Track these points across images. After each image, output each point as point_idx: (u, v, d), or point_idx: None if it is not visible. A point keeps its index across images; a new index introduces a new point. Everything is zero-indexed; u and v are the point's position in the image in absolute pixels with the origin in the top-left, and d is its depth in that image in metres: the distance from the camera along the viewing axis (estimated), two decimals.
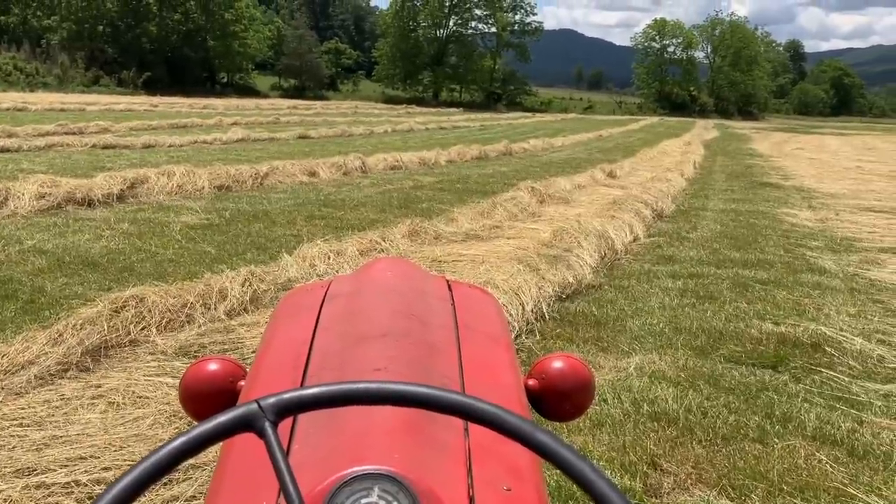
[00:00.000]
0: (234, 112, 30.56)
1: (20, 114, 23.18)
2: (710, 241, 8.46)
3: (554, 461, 0.60)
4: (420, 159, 14.89)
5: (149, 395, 3.43)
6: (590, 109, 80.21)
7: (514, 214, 8.91)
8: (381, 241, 6.73)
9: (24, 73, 44.37)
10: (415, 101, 65.31)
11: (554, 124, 41.21)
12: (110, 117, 22.26)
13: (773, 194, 13.43)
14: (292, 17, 79.11)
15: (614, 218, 8.29)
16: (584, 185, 12.23)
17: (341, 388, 0.62)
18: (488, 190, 11.40)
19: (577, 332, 4.87)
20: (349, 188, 11.02)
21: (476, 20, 76.82)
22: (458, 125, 33.54)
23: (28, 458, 2.81)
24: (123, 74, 49.40)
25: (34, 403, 3.31)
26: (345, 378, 1.08)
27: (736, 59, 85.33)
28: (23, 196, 7.84)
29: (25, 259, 5.91)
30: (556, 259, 6.10)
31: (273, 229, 7.70)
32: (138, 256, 6.23)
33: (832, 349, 4.72)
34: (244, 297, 4.81)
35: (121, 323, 4.10)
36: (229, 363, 1.37)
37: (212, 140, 17.30)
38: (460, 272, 5.77)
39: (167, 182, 9.40)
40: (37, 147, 13.73)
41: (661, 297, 5.88)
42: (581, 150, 22.61)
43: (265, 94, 61.42)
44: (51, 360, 3.65)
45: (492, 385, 1.18)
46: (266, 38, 64.24)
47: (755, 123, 69.34)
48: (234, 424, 0.57)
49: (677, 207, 10.95)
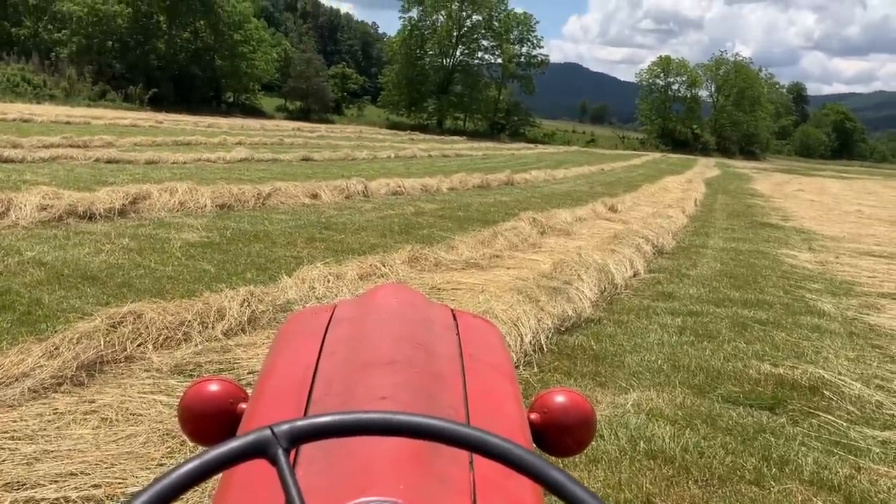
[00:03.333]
0: (238, 132, 30.70)
1: (26, 125, 23.26)
2: (709, 280, 8.46)
3: (568, 500, 0.59)
4: (422, 186, 14.93)
5: (142, 413, 3.40)
6: (592, 143, 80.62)
7: (515, 244, 8.92)
8: (381, 265, 6.72)
9: (31, 84, 44.58)
10: (419, 128, 65.63)
11: (556, 156, 41.40)
12: (115, 132, 22.34)
13: (774, 235, 13.46)
14: (300, 41, 79.84)
15: (615, 252, 8.29)
16: (585, 217, 12.26)
17: (355, 418, 0.61)
18: (489, 219, 11.42)
19: (575, 365, 4.84)
20: (350, 212, 11.04)
21: (483, 51, 77.46)
22: (461, 153, 33.69)
23: (18, 471, 2.78)
24: (130, 90, 49.64)
25: (27, 416, 3.28)
26: (349, 405, 1.07)
27: (739, 99, 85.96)
28: (24, 207, 7.84)
29: (24, 270, 5.89)
30: (555, 291, 6.09)
31: (273, 250, 7.69)
32: (137, 272, 6.22)
33: (830, 393, 4.69)
34: (242, 317, 4.79)
35: (117, 338, 4.08)
36: (230, 384, 1.36)
37: (215, 159, 17.35)
38: (459, 300, 5.76)
39: (169, 199, 9.41)
40: (41, 159, 13.76)
41: (659, 334, 5.86)
42: (583, 182, 22.69)
43: (270, 115, 61.73)
44: (45, 374, 3.63)
45: (496, 417, 1.17)
46: (274, 61, 64.66)
47: (757, 163, 69.72)
48: (248, 450, 0.57)
49: (678, 244, 10.96)
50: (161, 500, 0.52)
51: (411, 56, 73.86)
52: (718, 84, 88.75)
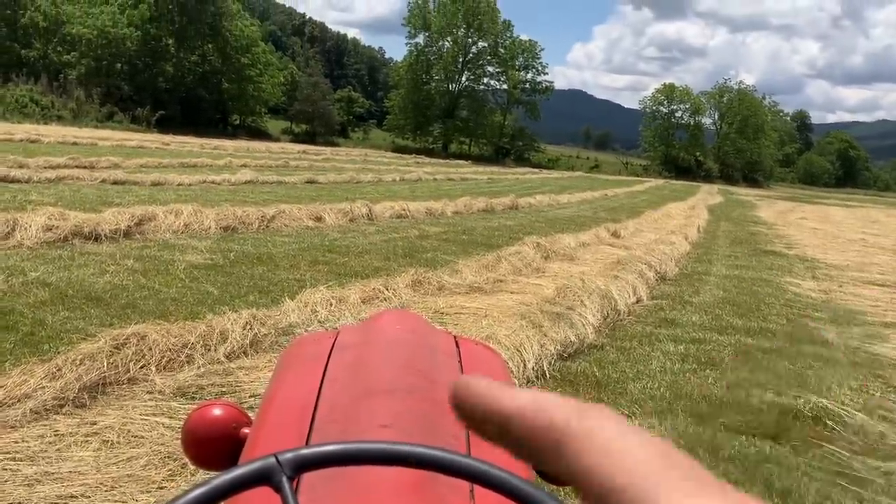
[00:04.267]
0: (244, 154, 30.86)
1: (32, 145, 23.40)
2: (712, 307, 8.45)
3: None
4: (427, 209, 14.97)
5: (144, 435, 3.40)
6: (596, 169, 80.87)
7: (519, 269, 8.92)
8: (384, 289, 6.73)
9: (39, 105, 44.92)
10: (424, 152, 65.93)
11: (560, 181, 41.53)
12: (122, 153, 22.47)
13: (777, 262, 13.45)
14: (307, 65, 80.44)
15: (618, 278, 8.29)
16: (588, 243, 12.27)
17: (361, 448, 0.62)
18: (493, 243, 11.44)
19: (577, 392, 4.83)
20: (354, 235, 11.07)
21: (488, 76, 78.07)
22: (465, 177, 33.81)
23: (19, 492, 2.78)
24: (137, 112, 50.03)
25: (28, 438, 3.28)
26: (351, 432, 1.08)
27: (743, 127, 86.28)
28: (30, 227, 7.87)
29: (28, 291, 5.91)
30: (558, 316, 6.09)
31: (276, 272, 7.71)
32: (141, 293, 6.23)
33: (833, 423, 4.67)
34: (245, 340, 4.80)
35: (120, 360, 4.08)
36: (233, 409, 1.37)
37: (221, 181, 17.44)
38: (462, 325, 5.76)
39: (174, 220, 9.45)
40: (47, 179, 13.83)
41: (662, 361, 5.85)
42: (586, 208, 22.74)
43: (276, 137, 62.08)
44: (47, 395, 3.63)
45: None
46: (280, 84, 65.18)
47: (760, 191, 69.82)
48: (252, 478, 0.58)
49: (680, 271, 10.96)
50: None
51: (417, 81, 74.42)
52: (722, 111, 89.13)
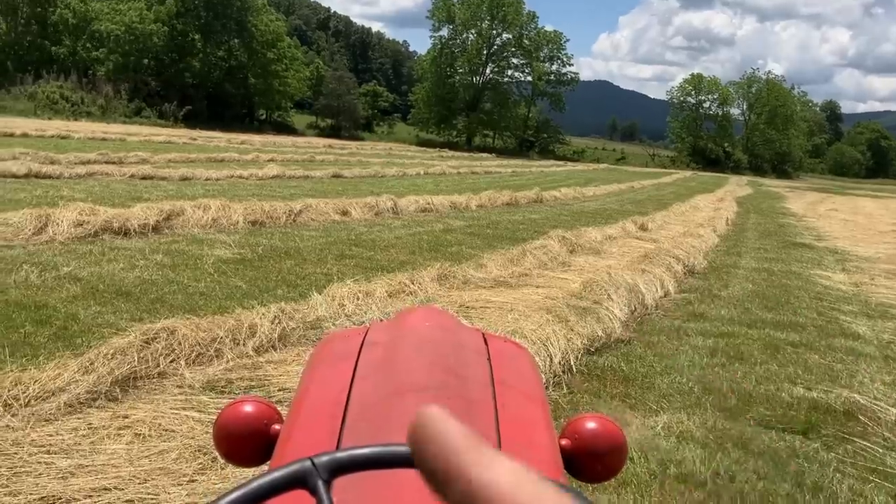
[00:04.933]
0: (270, 149, 31.05)
1: (63, 141, 23.73)
2: (741, 300, 8.37)
3: None
4: (451, 203, 14.97)
5: (175, 429, 3.44)
6: (622, 161, 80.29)
7: (544, 263, 8.90)
8: (409, 283, 6.74)
9: (69, 101, 45.53)
10: (448, 146, 65.90)
11: (586, 174, 41.31)
12: (150, 148, 22.71)
13: (807, 255, 13.28)
14: (332, 59, 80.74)
15: (645, 272, 8.24)
16: (615, 236, 12.20)
17: (397, 452, 0.62)
18: (518, 237, 11.42)
19: (604, 387, 4.81)
20: (380, 229, 11.10)
21: (513, 68, 77.68)
22: (490, 170, 33.75)
23: (54, 486, 2.83)
24: (165, 107, 50.54)
25: (62, 431, 3.33)
26: (383, 431, 1.09)
27: (772, 117, 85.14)
28: (61, 223, 7.99)
29: (61, 285, 6.00)
30: (585, 311, 6.07)
31: (304, 267, 7.76)
32: (170, 288, 6.30)
33: (866, 418, 4.61)
34: (273, 334, 4.84)
35: (151, 354, 4.14)
36: (264, 405, 1.38)
37: (248, 175, 17.56)
38: (488, 319, 5.76)
39: (202, 215, 9.54)
40: (77, 175, 14.03)
41: (690, 356, 5.81)
42: (613, 200, 22.60)
43: (302, 132, 62.40)
44: (81, 388, 3.69)
45: (527, 444, 1.17)
46: (306, 78, 65.45)
47: (789, 182, 68.93)
48: (288, 481, 0.58)
49: (709, 264, 10.86)
50: None
51: (441, 74, 74.28)
52: (750, 102, 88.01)
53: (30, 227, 7.73)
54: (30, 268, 6.40)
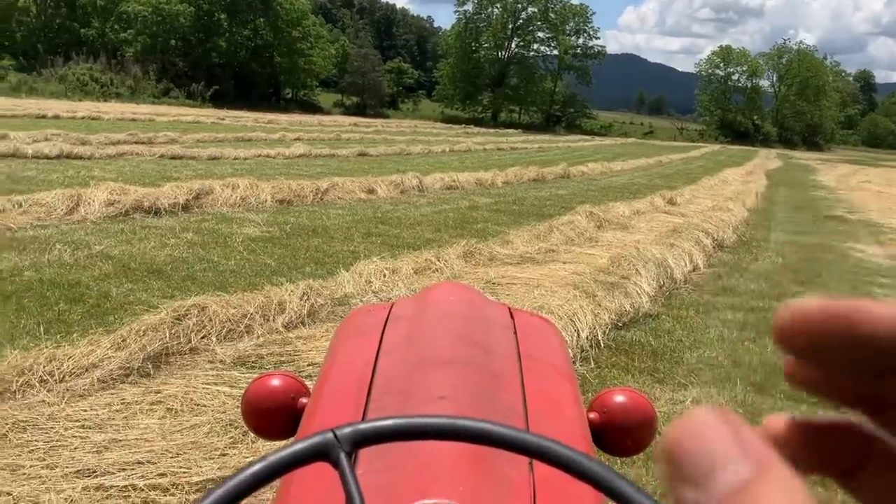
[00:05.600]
0: (297, 127, 31.12)
1: (94, 122, 23.99)
2: (771, 275, 8.27)
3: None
4: (477, 180, 14.92)
5: (206, 404, 3.49)
6: (650, 135, 79.42)
7: (571, 239, 8.85)
8: (435, 260, 6.74)
9: (99, 83, 45.96)
10: (474, 122, 65.61)
11: (613, 148, 40.92)
12: (178, 128, 22.88)
13: (839, 228, 13.07)
14: (357, 37, 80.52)
15: (673, 246, 8.16)
16: (643, 211, 12.09)
17: (420, 423, 0.62)
18: (545, 213, 11.36)
19: (632, 361, 4.79)
20: (406, 206, 11.10)
21: (538, 42, 76.93)
22: (515, 146, 33.56)
23: (88, 459, 2.88)
24: (192, 87, 50.84)
25: (96, 406, 3.40)
26: (408, 404, 1.09)
27: (803, 89, 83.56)
28: (93, 203, 8.10)
29: (93, 264, 6.09)
30: (612, 286, 6.03)
31: (331, 244, 7.79)
32: (201, 266, 6.37)
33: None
34: (302, 310, 4.88)
35: (182, 331, 4.19)
36: (291, 379, 1.39)
37: (275, 154, 17.63)
38: (514, 295, 5.75)
39: (231, 194, 9.61)
40: (108, 155, 14.18)
41: (719, 330, 5.76)
42: (640, 175, 22.37)
43: (328, 110, 62.49)
44: (114, 365, 3.75)
45: (555, 418, 1.17)
46: (331, 57, 65.37)
47: (820, 154, 67.78)
48: (310, 454, 0.58)
49: (738, 238, 10.73)
50: (230, 500, 0.54)
51: (466, 49, 73.78)
52: (781, 73, 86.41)
53: (62, 207, 7.85)
54: (63, 247, 6.50)
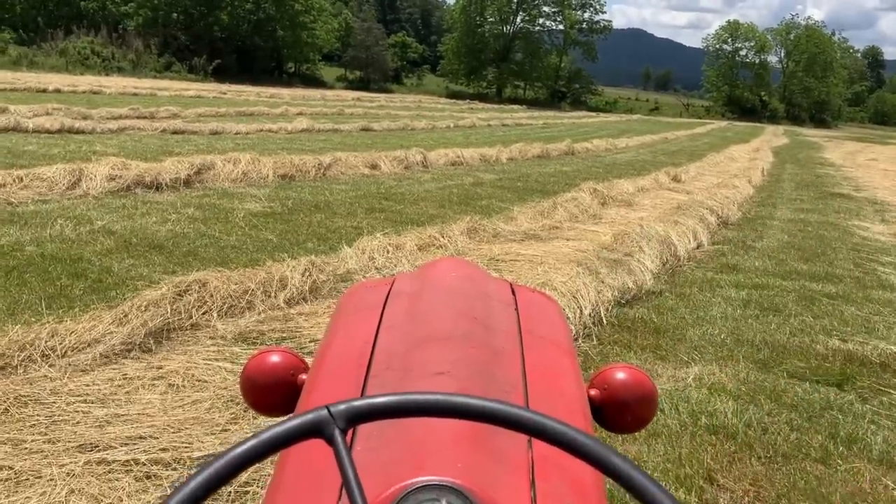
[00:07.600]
0: (299, 102, 30.99)
1: (95, 97, 23.90)
2: (776, 252, 8.24)
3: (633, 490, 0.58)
4: (481, 156, 14.85)
5: (207, 379, 3.49)
6: (656, 111, 78.96)
7: (575, 215, 8.81)
8: (439, 236, 6.72)
9: (100, 57, 45.73)
10: (478, 97, 65.25)
11: (618, 125, 40.69)
12: (180, 103, 22.79)
13: (845, 206, 13.01)
14: (360, 10, 79.83)
15: (678, 223, 8.13)
16: (647, 188, 12.04)
17: (414, 399, 0.60)
18: (549, 189, 11.31)
19: (635, 338, 4.78)
20: (409, 182, 11.06)
21: (544, 17, 76.29)
22: (520, 122, 33.39)
23: (91, 434, 2.89)
24: (194, 61, 50.57)
25: (98, 381, 3.40)
26: (407, 380, 1.07)
27: (810, 65, 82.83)
28: (95, 177, 8.07)
29: (95, 239, 6.08)
30: (616, 263, 6.01)
31: (334, 220, 7.77)
32: (202, 241, 6.36)
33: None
34: (304, 286, 4.86)
35: (183, 306, 4.18)
36: (290, 355, 1.37)
37: (277, 129, 17.56)
38: (518, 272, 5.74)
39: (233, 169, 9.57)
40: (109, 130, 14.13)
41: (723, 307, 5.75)
42: (646, 152, 22.26)
43: (331, 85, 62.15)
44: (115, 340, 3.75)
45: (555, 394, 1.15)
46: (334, 30, 64.89)
47: (827, 131, 67.37)
48: (305, 430, 0.57)
49: (743, 215, 10.69)
50: (219, 478, 0.53)
51: (471, 24, 73.22)
52: (788, 49, 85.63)
53: (64, 181, 7.82)
54: (64, 222, 6.49)
